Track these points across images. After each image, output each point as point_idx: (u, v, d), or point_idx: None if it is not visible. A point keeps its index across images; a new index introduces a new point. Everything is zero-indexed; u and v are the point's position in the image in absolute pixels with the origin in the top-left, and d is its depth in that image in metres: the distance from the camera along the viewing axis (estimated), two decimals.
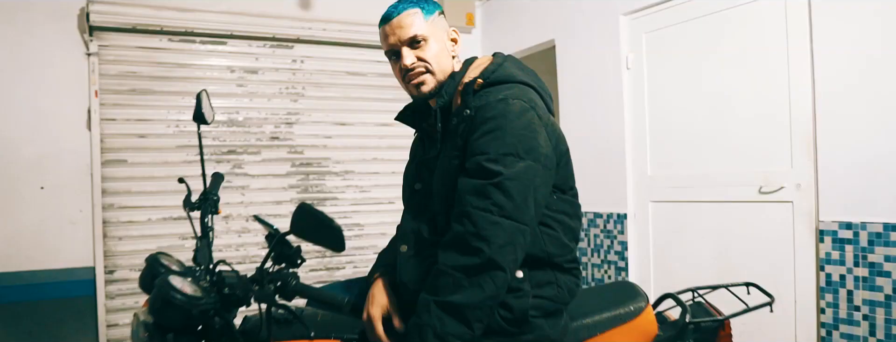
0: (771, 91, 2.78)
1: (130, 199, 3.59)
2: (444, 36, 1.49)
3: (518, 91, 1.39)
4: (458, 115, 1.38)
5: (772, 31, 2.76)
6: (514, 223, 1.27)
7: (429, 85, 1.44)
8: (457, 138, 1.37)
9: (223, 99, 3.79)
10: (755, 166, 2.86)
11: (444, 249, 1.30)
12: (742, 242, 2.91)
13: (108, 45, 3.55)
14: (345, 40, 4.05)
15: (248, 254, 3.82)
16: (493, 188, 1.27)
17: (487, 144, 1.31)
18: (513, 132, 1.31)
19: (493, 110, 1.33)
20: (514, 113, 1.33)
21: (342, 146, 4.09)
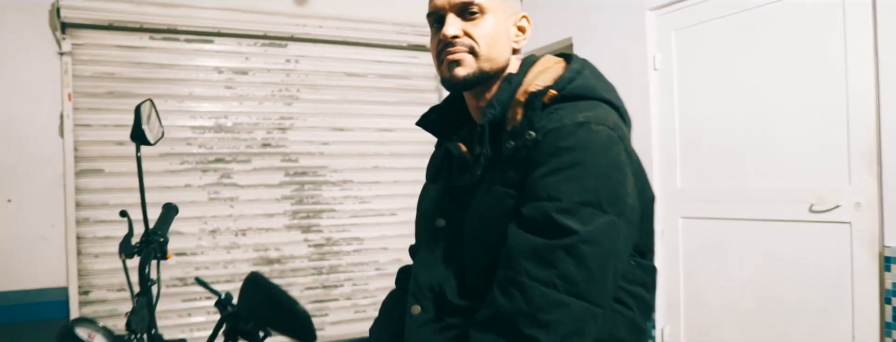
0: (824, 96, 2.44)
1: (107, 213, 3.28)
2: (509, 19, 1.14)
3: (602, 113, 1.04)
4: (518, 137, 1.02)
5: (826, 27, 2.42)
6: (585, 305, 0.93)
7: (466, 68, 1.09)
8: (509, 169, 1.03)
9: (210, 102, 3.47)
10: (805, 181, 2.51)
11: (480, 330, 0.97)
12: (788, 267, 2.57)
13: (82, 44, 3.23)
14: (343, 38, 3.72)
15: (237, 271, 3.50)
16: (562, 253, 0.93)
17: (559, 187, 0.96)
18: (595, 172, 0.97)
19: (570, 138, 0.98)
20: (598, 144, 0.99)
21: (340, 153, 3.76)
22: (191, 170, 3.43)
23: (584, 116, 1.01)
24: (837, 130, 2.40)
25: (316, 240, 3.69)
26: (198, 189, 3.44)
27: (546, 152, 0.98)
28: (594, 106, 1.05)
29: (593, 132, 0.99)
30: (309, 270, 3.66)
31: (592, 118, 1.01)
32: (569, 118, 1.00)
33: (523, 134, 1.02)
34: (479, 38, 1.09)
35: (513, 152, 1.03)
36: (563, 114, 1.02)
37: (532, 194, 0.98)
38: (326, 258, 3.71)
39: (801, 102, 2.53)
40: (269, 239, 3.59)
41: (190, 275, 3.41)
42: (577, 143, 0.98)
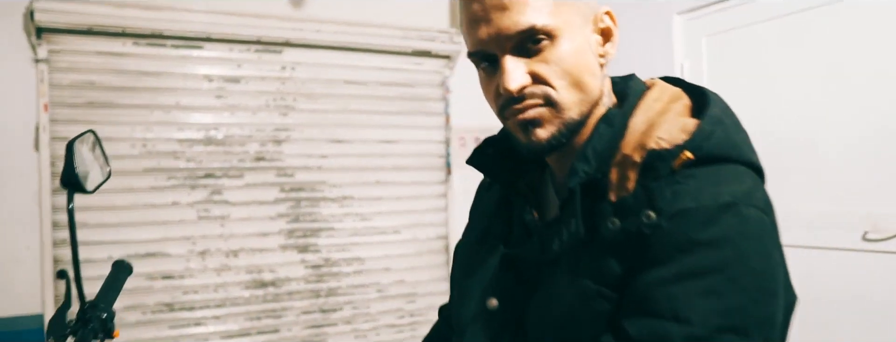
0: (880, 109, 2.19)
1: (87, 233, 3.01)
2: (586, 26, 0.82)
3: (751, 186, 0.75)
4: (628, 215, 0.73)
5: (884, 32, 2.17)
6: None
7: (549, 127, 0.79)
8: (608, 258, 0.74)
9: (199, 113, 3.22)
10: (857, 206, 2.26)
11: None
12: (837, 299, 2.32)
13: (60, 50, 2.98)
14: (342, 44, 3.46)
15: (228, 296, 3.24)
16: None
17: (691, 302, 0.67)
18: (744, 283, 0.68)
19: (711, 227, 0.69)
20: (750, 238, 0.70)
21: (339, 167, 3.50)
22: (178, 186, 3.17)
23: (731, 194, 0.71)
24: (894, 149, 2.14)
25: (313, 260, 3.43)
26: (186, 207, 3.18)
27: (673, 245, 0.69)
28: (740, 175, 0.76)
29: (744, 219, 0.70)
30: (306, 293, 3.41)
31: (741, 197, 0.72)
32: (708, 196, 0.71)
33: (638, 213, 0.72)
34: (556, 79, 0.78)
35: (618, 237, 0.73)
36: (698, 187, 0.72)
37: (647, 306, 0.69)
38: (325, 280, 3.45)
39: (852, 117, 2.27)
40: (262, 260, 3.33)
41: (177, 300, 3.15)
42: (722, 237, 0.69)
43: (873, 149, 2.20)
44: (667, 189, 0.72)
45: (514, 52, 0.78)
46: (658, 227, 0.70)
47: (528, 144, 0.81)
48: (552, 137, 0.79)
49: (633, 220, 0.72)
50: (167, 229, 3.16)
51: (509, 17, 0.76)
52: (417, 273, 3.66)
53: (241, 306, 3.27)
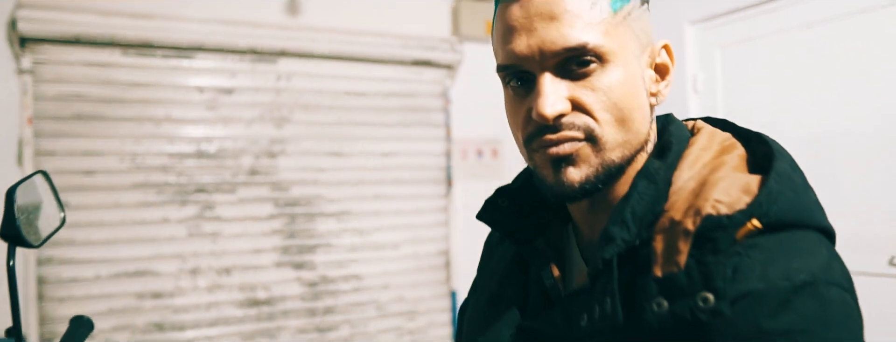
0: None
1: (74, 251, 2.90)
2: (642, 56, 0.70)
3: (827, 258, 0.61)
4: (678, 295, 0.60)
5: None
6: None
7: (582, 170, 0.67)
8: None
9: (190, 125, 3.10)
10: (883, 228, 2.14)
11: None
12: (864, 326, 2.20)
13: (45, 61, 2.86)
14: (340, 53, 3.34)
15: (221, 315, 3.12)
16: None
17: None
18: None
19: (787, 315, 0.56)
20: (834, 325, 0.57)
21: (337, 181, 3.38)
22: (168, 202, 3.05)
23: (808, 271, 0.58)
24: None
25: (309, 278, 3.31)
26: (176, 223, 3.06)
27: (739, 337, 0.56)
28: (814, 245, 0.62)
29: (825, 302, 0.58)
30: (302, 312, 3.28)
31: (820, 273, 0.59)
32: (780, 274, 0.58)
33: (692, 294, 0.59)
34: (601, 111, 0.65)
35: (666, 324, 0.60)
36: (766, 262, 0.59)
37: None
38: (321, 298, 3.33)
39: (876, 134, 2.16)
40: (256, 278, 3.20)
41: (167, 319, 3.03)
42: (800, 326, 0.56)
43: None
44: (728, 265, 0.58)
45: (555, 71, 0.65)
46: (718, 314, 0.57)
47: (556, 186, 0.68)
48: (587, 180, 0.67)
49: (685, 303, 0.59)
50: (157, 246, 3.03)
51: (557, 30, 0.64)
52: (418, 290, 3.54)
53: (234, 326, 3.15)
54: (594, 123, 0.66)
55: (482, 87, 3.71)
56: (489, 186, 3.87)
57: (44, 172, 1.02)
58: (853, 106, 2.21)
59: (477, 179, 3.71)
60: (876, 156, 2.16)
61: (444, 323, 3.60)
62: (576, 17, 0.64)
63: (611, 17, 0.66)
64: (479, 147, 3.73)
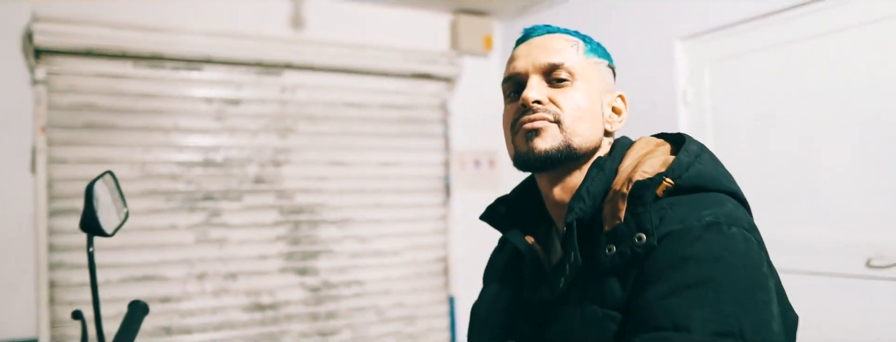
0: (883, 139, 2.20)
1: (84, 257, 2.97)
2: (602, 95, 0.96)
3: (732, 210, 0.81)
4: (621, 241, 0.80)
5: (885, 63, 2.19)
6: None
7: (548, 141, 0.89)
8: (610, 283, 0.81)
9: (198, 135, 3.19)
10: (861, 233, 2.27)
11: None
12: (842, 327, 2.31)
13: (57, 72, 2.95)
14: (343, 66, 3.45)
15: (227, 319, 3.20)
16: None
17: (688, 312, 0.72)
18: (735, 292, 0.73)
19: (697, 244, 0.76)
20: (736, 253, 0.76)
21: (339, 190, 3.48)
22: (177, 209, 3.14)
23: (713, 214, 0.79)
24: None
25: (312, 283, 3.40)
26: (184, 230, 3.15)
27: (665, 263, 0.76)
28: (720, 201, 0.83)
29: (727, 236, 0.77)
30: (304, 317, 3.37)
31: (724, 217, 0.79)
32: (692, 217, 0.79)
33: (630, 237, 0.80)
34: (567, 108, 0.90)
35: (615, 261, 0.80)
36: (683, 211, 0.80)
37: (649, 321, 0.74)
38: (324, 303, 3.42)
39: (855, 144, 2.29)
40: (261, 283, 3.29)
41: (175, 323, 3.11)
42: (708, 252, 0.75)
43: (877, 175, 2.21)
44: (654, 215, 0.80)
45: (541, 76, 0.93)
46: (650, 248, 0.78)
47: (526, 154, 0.90)
48: (549, 151, 0.89)
49: (626, 245, 0.79)
50: (165, 252, 3.12)
51: (547, 54, 0.93)
52: (417, 295, 3.64)
53: (239, 329, 3.23)
54: (561, 113, 0.90)
55: (480, 100, 3.85)
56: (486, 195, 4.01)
57: (111, 172, 1.12)
58: (834, 119, 2.34)
59: (474, 189, 3.82)
60: (855, 166, 2.29)
61: (442, 328, 3.69)
62: (561, 50, 0.93)
63: (584, 59, 0.94)
64: (477, 157, 3.85)
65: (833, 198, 2.35)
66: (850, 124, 2.30)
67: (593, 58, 0.96)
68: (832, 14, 2.35)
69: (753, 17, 2.57)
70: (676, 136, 0.94)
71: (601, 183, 0.87)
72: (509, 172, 3.82)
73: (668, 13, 2.88)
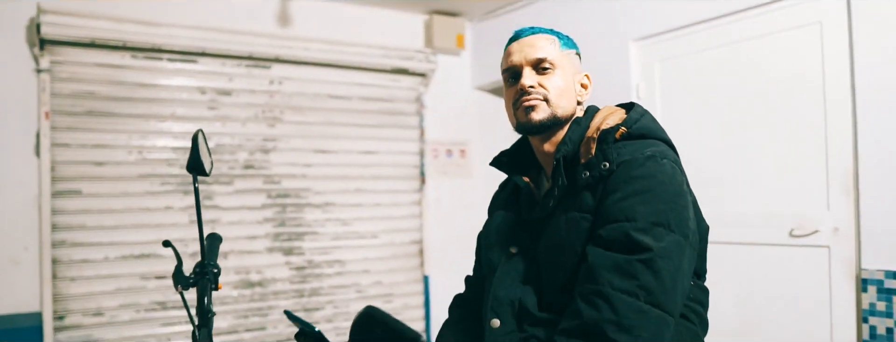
0: (804, 126, 2.59)
1: (85, 235, 3.18)
2: (574, 76, 1.31)
3: (664, 149, 1.19)
4: (592, 168, 1.16)
5: (806, 63, 2.58)
6: (661, 313, 1.03)
7: (540, 114, 1.23)
8: (585, 196, 1.16)
9: (192, 123, 3.42)
10: (785, 207, 2.65)
11: (568, 337, 1.05)
12: (769, 289, 2.70)
13: (61, 62, 3.15)
14: (328, 61, 3.72)
15: (217, 295, 3.42)
16: (640, 266, 1.04)
17: (635, 209, 1.08)
18: (665, 198, 1.10)
19: (641, 168, 1.12)
20: (665, 175, 1.13)
21: (323, 176, 3.75)
22: (172, 191, 3.36)
23: (652, 151, 1.14)
24: (816, 158, 2.55)
25: (297, 262, 3.65)
26: (178, 211, 3.37)
27: (620, 180, 1.12)
28: (656, 144, 1.18)
29: (660, 164, 1.14)
30: (290, 293, 3.62)
31: (658, 153, 1.15)
32: (638, 152, 1.15)
33: (598, 165, 1.16)
34: (551, 89, 1.25)
35: (588, 181, 1.16)
36: (632, 149, 1.15)
37: (610, 217, 1.10)
38: (308, 281, 3.68)
39: (780, 131, 2.67)
40: (250, 261, 3.53)
41: (170, 299, 3.32)
42: (648, 173, 1.12)
43: (797, 158, 2.60)
44: (613, 151, 1.16)
45: (531, 68, 1.27)
46: (611, 172, 1.14)
47: (525, 122, 1.25)
48: (541, 120, 1.24)
49: (596, 169, 1.16)
50: (160, 232, 3.33)
51: (534, 51, 1.27)
52: (394, 275, 3.92)
53: (231, 305, 3.46)
54: (548, 93, 1.25)
55: (452, 94, 4.16)
56: (458, 183, 4.34)
57: (202, 130, 1.36)
58: (762, 110, 2.72)
59: (447, 177, 4.13)
60: (779, 152, 2.67)
61: (418, 305, 3.98)
62: (542, 48, 1.27)
63: (560, 52, 1.29)
64: (449, 148, 4.16)
65: (761, 180, 2.73)
66: (775, 115, 2.69)
67: (566, 50, 1.31)
68: (759, 21, 2.74)
69: (696, 22, 2.94)
70: (629, 104, 1.32)
71: (578, 134, 1.24)
72: (479, 161, 4.15)
73: (624, 17, 3.24)
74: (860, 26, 2.41)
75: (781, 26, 2.68)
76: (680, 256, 1.07)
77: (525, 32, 1.31)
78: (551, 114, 1.23)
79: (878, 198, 2.36)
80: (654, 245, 1.04)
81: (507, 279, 1.23)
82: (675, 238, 1.07)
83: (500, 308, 1.20)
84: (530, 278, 1.21)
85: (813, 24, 2.58)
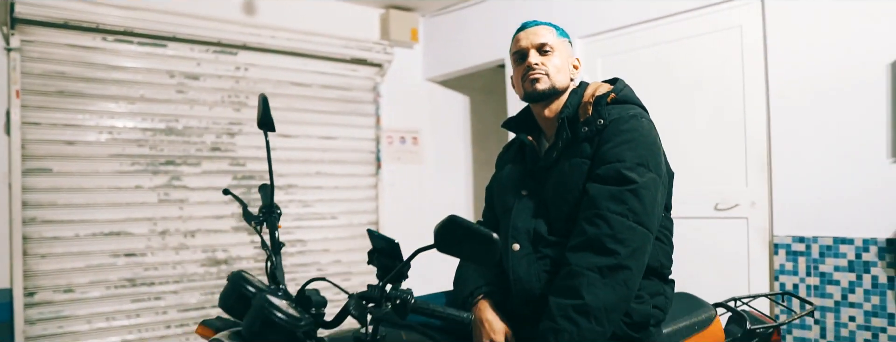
0: (726, 116, 3.03)
1: (55, 213, 3.23)
2: (568, 59, 1.62)
3: (642, 112, 1.53)
4: (590, 125, 1.48)
5: (727, 60, 3.02)
6: (644, 230, 1.36)
7: (543, 84, 1.54)
8: (584, 146, 1.47)
9: (161, 105, 3.52)
10: (711, 185, 3.09)
11: (576, 251, 1.35)
12: (698, 255, 3.13)
13: (32, 41, 3.18)
14: (292, 49, 3.90)
15: (185, 272, 3.55)
16: (629, 194, 1.36)
17: (624, 153, 1.40)
18: (645, 146, 1.43)
19: (627, 123, 1.45)
20: (645, 128, 1.46)
21: (285, 159, 3.92)
22: (141, 171, 3.45)
23: (634, 112, 1.49)
24: (736, 144, 2.99)
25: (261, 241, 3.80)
26: (148, 190, 3.47)
27: (612, 133, 1.45)
28: (635, 108, 1.52)
29: (640, 122, 1.48)
30: (255, 271, 3.74)
31: (638, 114, 1.50)
32: (624, 112, 1.49)
33: (595, 122, 1.48)
34: (551, 67, 1.57)
35: (587, 134, 1.49)
36: (619, 110, 1.49)
37: (605, 159, 1.43)
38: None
39: (706, 121, 3.11)
40: (216, 240, 3.66)
41: (139, 276, 3.41)
42: (632, 128, 1.45)
43: (721, 144, 3.04)
44: (605, 111, 1.48)
45: (536, 50, 1.58)
46: (605, 126, 1.46)
47: (531, 91, 1.56)
48: (543, 90, 1.55)
49: (593, 126, 1.48)
50: (130, 210, 3.42)
51: (538, 37, 1.59)
52: (352, 254, 4.14)
53: (197, 282, 3.59)
54: (548, 69, 1.55)
55: (406, 85, 4.42)
56: (410, 168, 4.62)
57: (264, 94, 1.59)
58: (691, 102, 3.15)
59: (400, 162, 4.39)
60: (706, 138, 3.11)
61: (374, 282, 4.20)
62: (544, 36, 1.58)
63: (557, 39, 1.60)
64: (403, 135, 4.41)
65: (690, 163, 3.15)
66: (702, 107, 3.12)
67: (562, 38, 1.63)
68: (689, 24, 3.17)
69: (634, 23, 3.35)
70: (613, 79, 1.64)
71: (576, 100, 1.56)
72: (429, 148, 4.42)
73: (570, 17, 3.61)
74: (773, 31, 2.86)
75: (707, 29, 3.11)
76: (656, 190, 1.40)
77: (530, 24, 1.62)
78: (551, 85, 1.54)
79: (787, 177, 2.81)
80: (638, 179, 1.37)
81: (522, 214, 1.53)
82: (653, 176, 1.40)
83: (518, 235, 1.49)
84: (540, 213, 1.51)
85: (734, 28, 3.03)
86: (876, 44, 2.56)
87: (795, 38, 2.80)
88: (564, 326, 1.28)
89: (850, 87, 2.62)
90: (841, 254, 2.68)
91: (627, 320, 1.39)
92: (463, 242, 1.21)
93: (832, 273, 2.70)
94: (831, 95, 2.67)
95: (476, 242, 1.19)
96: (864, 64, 2.59)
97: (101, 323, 3.30)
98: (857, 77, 2.61)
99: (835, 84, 2.66)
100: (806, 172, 2.75)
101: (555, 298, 1.32)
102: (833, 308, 2.70)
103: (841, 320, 2.68)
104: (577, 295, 1.30)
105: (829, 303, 2.71)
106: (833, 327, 2.70)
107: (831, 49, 2.68)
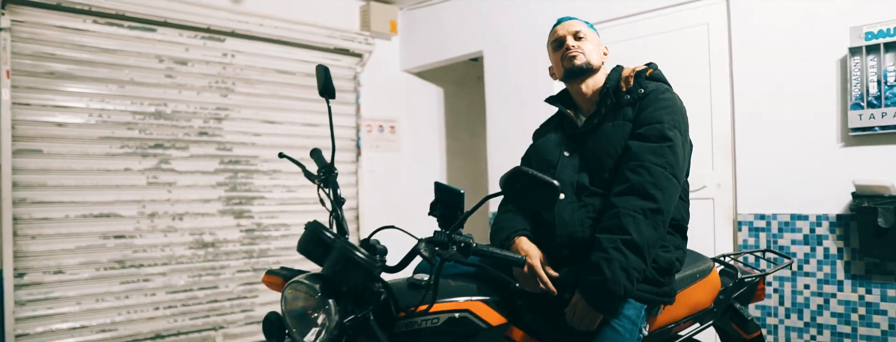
0: (695, 106, 3.30)
1: (45, 194, 3.23)
2: (598, 46, 1.86)
3: (671, 87, 1.78)
4: (632, 92, 1.73)
5: (695, 55, 3.31)
6: (676, 182, 1.59)
7: (579, 60, 1.78)
8: (627, 110, 1.71)
9: (150, 89, 3.56)
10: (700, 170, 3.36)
11: (622, 195, 1.57)
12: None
13: (22, 21, 3.18)
14: (278, 37, 3.99)
15: (173, 254, 3.59)
16: (667, 150, 1.59)
17: (663, 116, 1.65)
18: (679, 113, 1.67)
19: (664, 94, 1.72)
20: (676, 100, 1.71)
21: (270, 144, 4.00)
22: (131, 154, 3.48)
23: (667, 87, 1.72)
24: (704, 130, 3.27)
25: (247, 225, 3.89)
26: (137, 173, 3.50)
27: (652, 99, 1.71)
28: (667, 84, 1.75)
29: (673, 94, 1.72)
30: (240, 254, 3.85)
31: (670, 88, 1.74)
32: (661, 86, 1.71)
33: (636, 90, 1.71)
34: (585, 48, 1.83)
35: (629, 101, 1.70)
36: (655, 83, 1.72)
37: (646, 120, 1.67)
38: (257, 242, 3.92)
39: None
40: (204, 223, 3.72)
41: (128, 257, 3.44)
42: (668, 98, 1.70)
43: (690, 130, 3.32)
44: (645, 82, 1.75)
45: (572, 36, 1.83)
46: (646, 94, 1.71)
47: (570, 66, 1.80)
48: (581, 64, 1.79)
49: (635, 94, 1.73)
50: (120, 193, 3.44)
51: (572, 27, 1.87)
52: None
53: (185, 264, 3.64)
54: (583, 50, 1.81)
55: (385, 75, 4.57)
56: (388, 156, 4.77)
57: (324, 66, 1.74)
58: None
59: (379, 150, 4.53)
60: None
61: None
62: (578, 26, 1.87)
63: (588, 30, 1.88)
64: (381, 124, 4.56)
65: None
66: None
67: (591, 29, 1.88)
68: (661, 21, 3.44)
69: (612, 18, 3.60)
70: (648, 63, 1.84)
71: (617, 75, 1.80)
72: (406, 137, 4.58)
73: (548, 11, 3.83)
74: (737, 28, 3.15)
75: (678, 26, 3.39)
76: (684, 150, 1.66)
77: (565, 19, 1.89)
78: (586, 61, 1.78)
79: (750, 161, 3.11)
80: (675, 138, 1.61)
81: (566, 169, 1.74)
82: (683, 138, 1.67)
83: (564, 187, 1.68)
84: (583, 168, 1.73)
85: (701, 25, 3.31)
86: (828, 41, 2.87)
87: (757, 35, 3.09)
88: (615, 256, 1.49)
89: (806, 79, 2.93)
90: (797, 229, 2.98)
91: (655, 266, 1.60)
92: (528, 190, 1.39)
93: (789, 246, 3.00)
94: (789, 87, 2.98)
95: (539, 189, 1.38)
96: (818, 59, 2.90)
97: (90, 304, 3.32)
98: (811, 70, 2.92)
99: (792, 76, 2.97)
100: (766, 156, 3.05)
101: (604, 235, 1.53)
102: (790, 278, 3.00)
103: (797, 288, 2.99)
104: (625, 231, 1.51)
105: (786, 274, 3.01)
106: (790, 295, 3.01)
107: (789, 45, 2.98)
